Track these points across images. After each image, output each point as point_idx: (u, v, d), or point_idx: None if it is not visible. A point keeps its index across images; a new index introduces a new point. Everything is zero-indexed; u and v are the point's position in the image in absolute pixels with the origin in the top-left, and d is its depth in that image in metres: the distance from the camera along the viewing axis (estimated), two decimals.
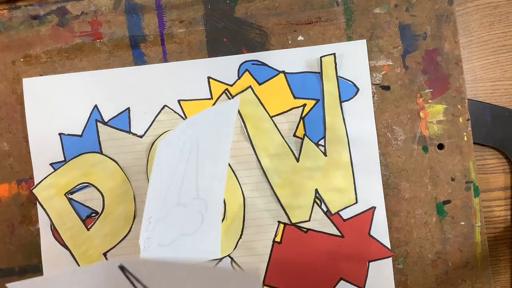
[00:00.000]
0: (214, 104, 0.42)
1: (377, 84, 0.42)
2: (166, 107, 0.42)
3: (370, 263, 0.42)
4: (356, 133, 0.42)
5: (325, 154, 0.42)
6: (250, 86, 0.42)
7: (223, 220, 0.42)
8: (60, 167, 0.42)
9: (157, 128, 0.42)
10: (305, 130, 0.42)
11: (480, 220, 0.42)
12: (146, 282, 0.25)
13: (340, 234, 0.42)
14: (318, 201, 0.42)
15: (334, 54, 0.42)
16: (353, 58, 0.42)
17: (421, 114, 0.42)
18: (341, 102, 0.42)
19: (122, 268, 0.25)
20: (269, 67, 0.42)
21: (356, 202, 0.42)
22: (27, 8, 0.43)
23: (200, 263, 0.27)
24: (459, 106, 0.42)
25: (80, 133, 0.42)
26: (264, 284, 0.42)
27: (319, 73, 0.42)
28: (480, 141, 0.44)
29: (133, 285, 0.25)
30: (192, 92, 0.42)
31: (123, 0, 0.43)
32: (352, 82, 0.42)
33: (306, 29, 0.42)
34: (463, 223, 0.42)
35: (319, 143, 0.42)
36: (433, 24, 0.42)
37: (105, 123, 0.42)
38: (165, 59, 0.42)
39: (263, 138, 0.42)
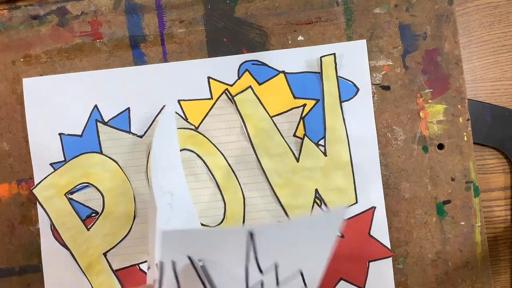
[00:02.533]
0: (214, 104, 0.42)
1: (377, 84, 0.42)
2: (166, 107, 0.42)
3: (370, 263, 0.42)
4: (356, 133, 0.42)
5: (325, 154, 0.42)
6: (250, 86, 0.42)
7: (223, 220, 0.42)
8: (60, 167, 0.42)
9: None
10: (305, 130, 0.42)
11: (480, 220, 0.42)
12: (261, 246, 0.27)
13: (340, 234, 0.42)
14: (318, 201, 0.42)
15: (334, 54, 0.42)
16: (353, 58, 0.42)
17: (421, 114, 0.42)
18: (341, 102, 0.42)
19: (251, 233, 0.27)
20: (269, 67, 0.42)
21: (356, 202, 0.42)
22: (27, 8, 0.43)
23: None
24: (459, 106, 0.42)
25: (80, 133, 0.42)
26: None
27: (319, 73, 0.42)
28: (480, 141, 0.44)
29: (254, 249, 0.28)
30: (192, 92, 0.42)
31: (123, 0, 0.43)
32: (352, 82, 0.42)
33: (306, 29, 0.42)
34: (463, 223, 0.42)
35: (319, 143, 0.42)
36: (433, 24, 0.42)
37: (105, 123, 0.42)
38: (165, 59, 0.42)
39: (263, 138, 0.42)
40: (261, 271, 0.29)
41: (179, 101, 0.42)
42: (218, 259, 0.28)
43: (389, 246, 0.42)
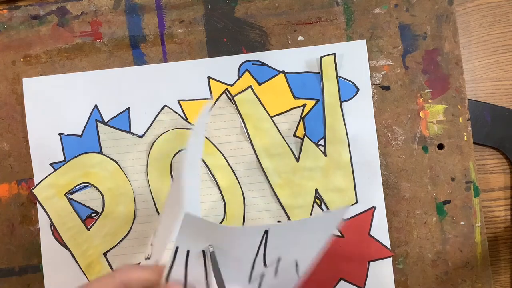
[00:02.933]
0: (214, 104, 0.42)
1: (377, 84, 0.42)
2: (166, 107, 0.42)
3: (370, 263, 0.42)
4: (356, 133, 0.42)
5: (325, 154, 0.42)
6: (250, 86, 0.42)
7: (223, 220, 0.42)
8: (60, 167, 0.42)
9: (157, 128, 0.42)
10: (305, 130, 0.42)
11: (480, 220, 0.42)
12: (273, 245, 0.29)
13: (340, 234, 0.42)
14: (318, 201, 0.42)
15: (334, 54, 0.42)
16: (353, 58, 0.42)
17: (421, 114, 0.42)
18: (341, 102, 0.42)
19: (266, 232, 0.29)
20: (269, 67, 0.42)
21: (356, 202, 0.42)
22: (27, 8, 0.43)
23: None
24: (459, 106, 0.42)
25: (80, 133, 0.42)
26: None
27: (319, 73, 0.42)
28: (480, 141, 0.44)
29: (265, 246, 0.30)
30: (192, 92, 0.42)
31: (123, 0, 0.43)
32: (352, 82, 0.42)
33: (306, 29, 0.42)
34: (463, 223, 0.42)
35: (319, 143, 0.42)
36: (433, 24, 0.42)
37: (105, 123, 0.42)
38: (165, 59, 0.42)
39: (263, 138, 0.42)
40: (265, 264, 0.30)
41: (179, 101, 0.42)
42: (230, 252, 0.29)
43: (389, 246, 0.42)
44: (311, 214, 0.42)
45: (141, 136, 0.42)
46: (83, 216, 0.42)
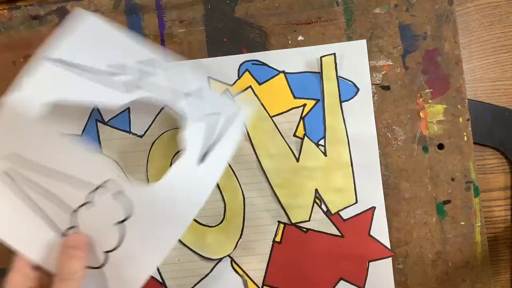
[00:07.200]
0: None
1: (377, 84, 0.42)
2: (166, 107, 0.42)
3: (370, 263, 0.42)
4: (356, 133, 0.42)
5: (325, 154, 0.42)
6: (250, 86, 0.42)
7: (223, 220, 0.42)
8: None
9: (157, 128, 0.42)
10: (305, 130, 0.42)
11: (480, 220, 0.42)
12: None
13: (340, 234, 0.42)
14: (318, 201, 0.42)
15: (334, 54, 0.42)
16: (353, 58, 0.42)
17: (421, 114, 0.42)
18: (341, 102, 0.42)
19: None
20: (269, 67, 0.42)
21: (356, 202, 0.42)
22: (27, 8, 0.43)
23: None
24: (459, 106, 0.42)
25: (80, 133, 0.42)
26: (264, 284, 0.42)
27: (319, 73, 0.42)
28: (480, 141, 0.44)
29: None
30: None
31: (123, 0, 0.43)
32: (352, 82, 0.42)
33: (306, 29, 0.42)
34: (463, 223, 0.42)
35: (319, 143, 0.42)
36: (433, 24, 0.42)
37: (105, 123, 0.42)
38: None
39: (263, 138, 0.42)
40: None
41: None
42: None
43: (389, 246, 0.42)
44: (311, 214, 0.42)
45: (141, 136, 0.42)
46: None
